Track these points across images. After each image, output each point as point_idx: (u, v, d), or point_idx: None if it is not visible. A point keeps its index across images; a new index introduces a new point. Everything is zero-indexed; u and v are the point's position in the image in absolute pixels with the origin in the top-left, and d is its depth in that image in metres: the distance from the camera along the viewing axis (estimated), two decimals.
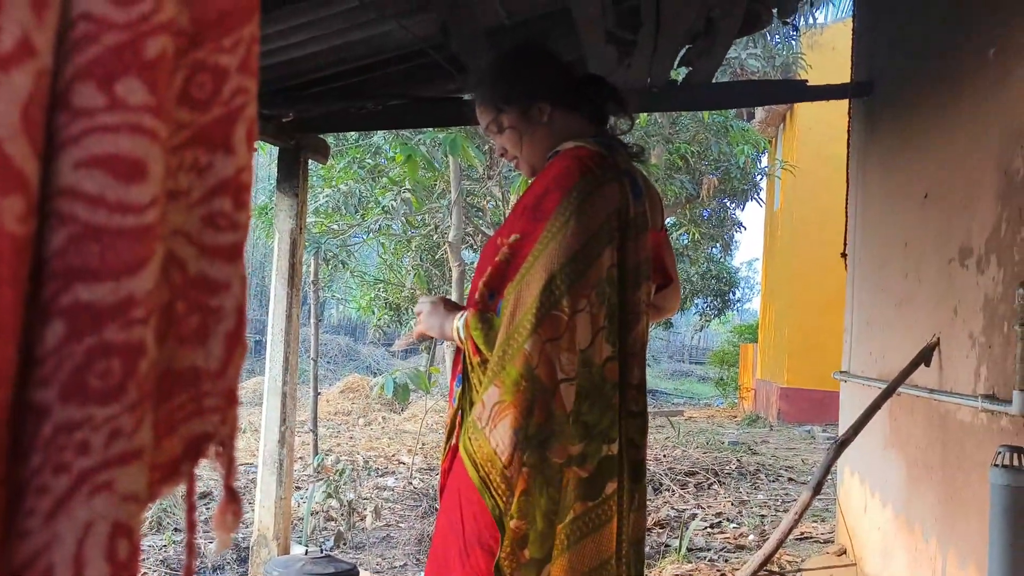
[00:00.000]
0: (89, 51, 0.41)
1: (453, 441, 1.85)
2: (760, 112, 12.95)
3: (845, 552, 3.89)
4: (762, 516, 5.74)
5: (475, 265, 1.88)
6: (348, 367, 19.19)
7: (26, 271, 0.40)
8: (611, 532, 1.70)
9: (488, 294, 1.73)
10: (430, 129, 6.03)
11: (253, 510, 3.95)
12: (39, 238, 0.41)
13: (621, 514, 1.73)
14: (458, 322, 1.79)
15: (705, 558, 4.72)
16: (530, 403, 1.63)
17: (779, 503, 6.24)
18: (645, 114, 6.65)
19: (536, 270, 1.65)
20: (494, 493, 1.65)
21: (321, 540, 4.73)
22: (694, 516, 5.59)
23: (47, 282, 0.41)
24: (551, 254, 1.64)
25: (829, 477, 3.55)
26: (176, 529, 5.03)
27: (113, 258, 0.41)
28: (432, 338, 2.03)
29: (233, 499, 0.48)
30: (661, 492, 6.45)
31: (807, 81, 3.82)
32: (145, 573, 4.29)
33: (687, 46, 3.51)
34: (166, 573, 4.39)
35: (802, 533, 5.26)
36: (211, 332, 0.48)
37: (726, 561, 4.63)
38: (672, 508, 5.93)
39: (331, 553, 3.14)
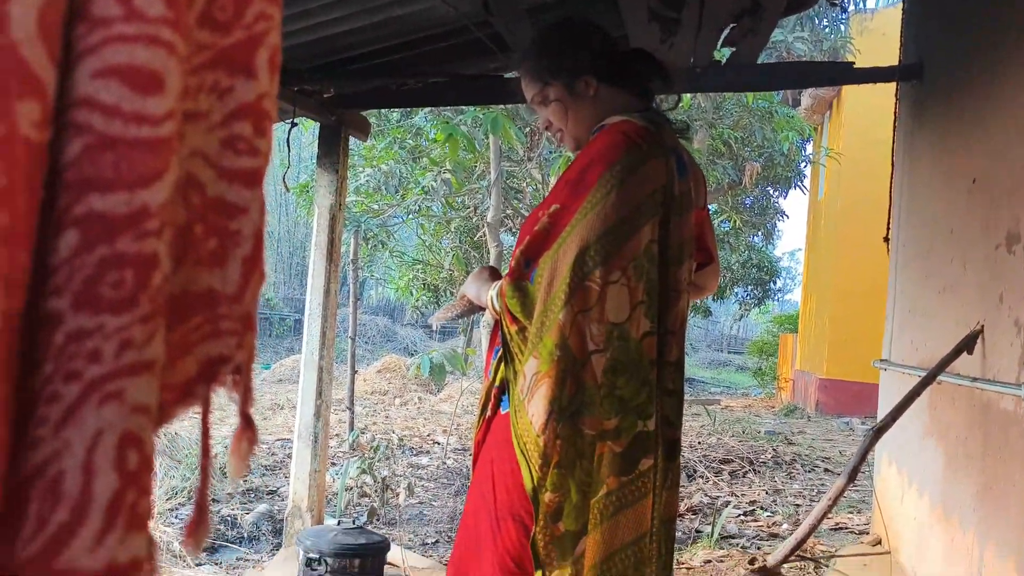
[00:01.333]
0: None
1: (487, 414, 1.85)
2: (806, 99, 12.75)
3: (880, 542, 3.83)
4: (797, 505, 5.68)
5: (513, 248, 1.87)
6: (386, 348, 19.34)
7: (41, 179, 0.40)
8: (646, 508, 1.69)
9: (524, 262, 1.72)
10: (471, 109, 6.03)
11: (288, 483, 4.00)
12: (55, 149, 0.41)
13: (654, 492, 1.72)
14: (492, 291, 1.79)
15: (737, 545, 4.68)
16: (564, 373, 1.63)
17: (814, 493, 6.17)
18: (688, 97, 6.58)
19: (572, 240, 1.64)
20: (529, 464, 1.66)
21: (355, 515, 4.78)
22: (727, 503, 5.55)
23: (62, 192, 0.41)
24: (588, 225, 1.64)
25: (866, 467, 3.49)
26: (214, 500, 5.11)
27: (127, 169, 0.41)
28: (472, 312, 2.03)
29: (249, 426, 0.48)
30: (695, 479, 6.41)
31: (854, 63, 3.74)
32: (181, 541, 4.37)
33: (731, 25, 3.45)
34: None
35: (837, 523, 5.20)
36: (229, 255, 0.48)
37: (758, 548, 4.59)
38: (705, 495, 5.89)
39: (363, 526, 3.17)
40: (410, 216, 8.74)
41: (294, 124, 3.56)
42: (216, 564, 4.25)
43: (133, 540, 0.41)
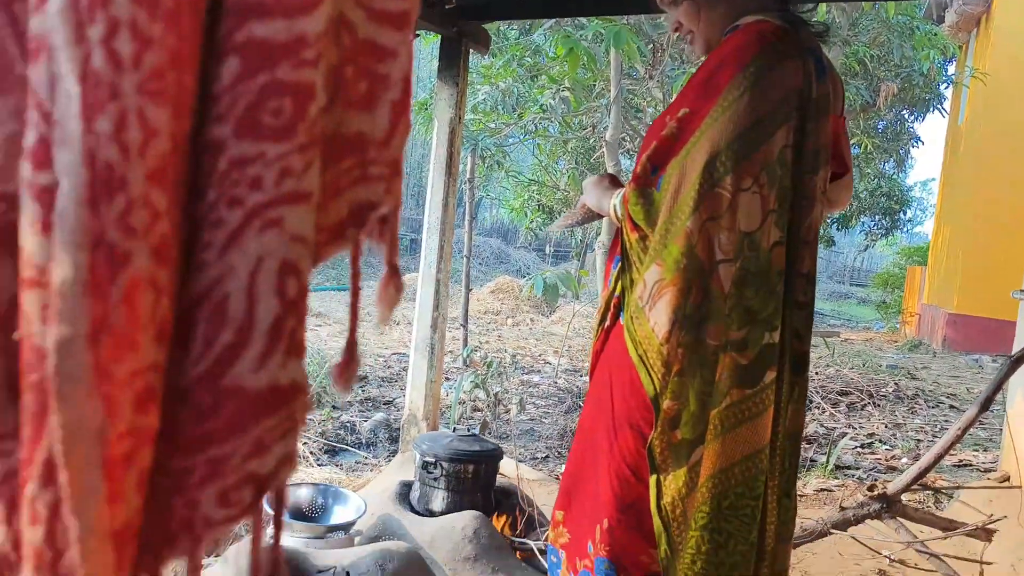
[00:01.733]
0: None
1: (607, 323, 1.84)
2: (951, 15, 11.90)
3: (1008, 479, 3.69)
4: (918, 440, 5.51)
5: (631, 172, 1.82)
6: (499, 269, 19.56)
7: (204, 2, 0.41)
8: (767, 422, 1.65)
9: (651, 169, 1.68)
10: (593, 22, 5.89)
11: (405, 394, 4.13)
12: None
13: (779, 405, 1.68)
14: (615, 199, 1.76)
15: (853, 476, 4.59)
16: (689, 282, 1.60)
17: (937, 429, 5.96)
18: (823, 9, 6.23)
19: (701, 145, 1.59)
20: (651, 371, 1.64)
21: (468, 427, 4.90)
22: (844, 435, 5.42)
23: (223, 19, 0.42)
24: (719, 129, 1.58)
25: (997, 403, 3.32)
26: (334, 407, 5.34)
27: None
28: (590, 219, 2.00)
29: (395, 274, 0.49)
30: (810, 409, 6.29)
31: None
32: (305, 443, 4.60)
33: None
34: (324, 444, 4.69)
35: (960, 460, 5.03)
36: (378, 99, 0.48)
37: (875, 480, 4.49)
38: (821, 425, 5.78)
39: (477, 435, 3.25)
40: (527, 136, 8.69)
41: (416, 35, 3.55)
42: (337, 466, 4.46)
43: (292, 365, 0.42)
